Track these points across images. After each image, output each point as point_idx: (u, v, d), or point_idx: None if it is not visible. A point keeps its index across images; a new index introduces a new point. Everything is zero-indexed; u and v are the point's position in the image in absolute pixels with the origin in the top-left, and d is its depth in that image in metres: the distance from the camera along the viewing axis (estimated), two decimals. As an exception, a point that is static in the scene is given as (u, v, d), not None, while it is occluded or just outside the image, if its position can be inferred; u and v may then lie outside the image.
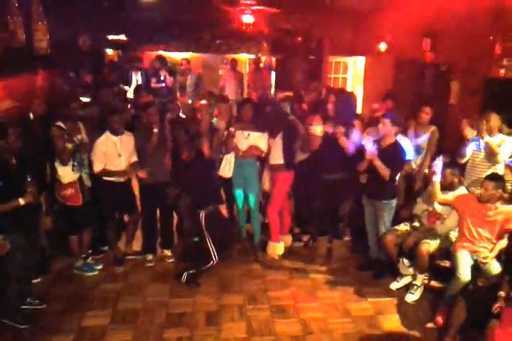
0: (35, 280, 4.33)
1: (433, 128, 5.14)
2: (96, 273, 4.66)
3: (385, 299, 4.35)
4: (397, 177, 4.74)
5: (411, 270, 4.49)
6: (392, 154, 4.41)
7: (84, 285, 4.46)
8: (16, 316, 3.79)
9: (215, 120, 5.58)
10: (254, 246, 5.26)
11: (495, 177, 4.08)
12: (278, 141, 5.02)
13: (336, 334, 3.79)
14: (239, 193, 5.27)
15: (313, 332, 3.81)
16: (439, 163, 4.28)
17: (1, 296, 3.71)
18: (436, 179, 4.28)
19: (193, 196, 4.63)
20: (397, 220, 4.78)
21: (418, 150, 5.15)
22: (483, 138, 4.59)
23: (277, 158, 5.04)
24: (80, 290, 4.37)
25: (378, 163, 4.37)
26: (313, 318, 4.01)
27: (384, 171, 4.37)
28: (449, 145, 5.30)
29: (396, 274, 4.59)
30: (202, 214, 4.44)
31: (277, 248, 5.11)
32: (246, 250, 5.22)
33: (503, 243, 4.11)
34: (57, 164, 4.44)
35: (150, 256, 4.95)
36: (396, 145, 4.49)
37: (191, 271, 4.49)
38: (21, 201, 3.62)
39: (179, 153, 4.71)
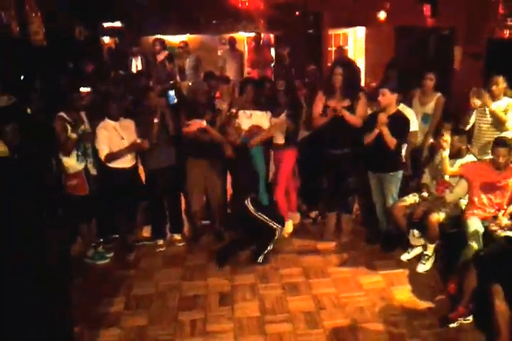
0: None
1: (438, 95, 5.04)
2: (107, 261, 4.71)
3: (396, 271, 4.34)
4: (403, 149, 4.67)
5: (421, 240, 4.46)
6: (396, 123, 4.34)
7: (96, 274, 4.51)
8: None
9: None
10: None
11: (505, 143, 3.99)
12: (283, 119, 4.96)
13: (349, 308, 3.80)
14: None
15: (326, 307, 3.83)
16: (447, 137, 4.18)
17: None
18: (446, 153, 4.19)
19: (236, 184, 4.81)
20: (405, 191, 4.73)
21: (425, 118, 5.06)
22: (488, 106, 4.48)
23: (282, 136, 4.99)
24: (92, 279, 4.42)
25: (386, 131, 4.30)
26: (326, 294, 4.01)
27: (391, 140, 4.31)
28: (454, 112, 5.19)
29: (406, 245, 4.57)
30: (247, 200, 4.53)
31: (287, 226, 5.10)
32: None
33: (515, 207, 4.06)
34: (61, 155, 4.45)
35: (160, 241, 4.97)
36: (399, 113, 4.43)
37: (265, 252, 4.55)
38: None
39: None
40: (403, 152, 4.72)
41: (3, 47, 5.83)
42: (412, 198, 4.56)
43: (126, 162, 4.67)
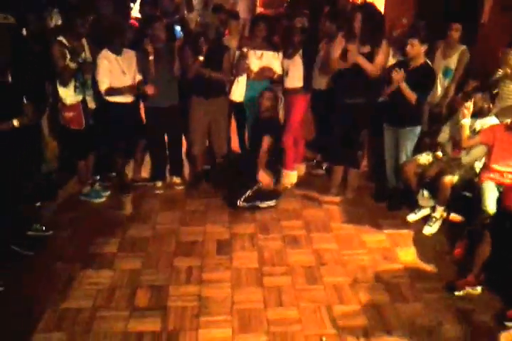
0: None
1: (463, 48, 4.71)
2: (103, 199, 4.53)
3: (401, 231, 4.18)
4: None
5: (431, 201, 4.29)
6: (421, 76, 4.05)
7: (91, 212, 4.35)
8: (22, 242, 3.71)
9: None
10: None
11: None
12: (297, 61, 4.62)
13: (350, 266, 3.67)
14: (251, 118, 4.95)
15: (327, 263, 3.70)
16: (470, 105, 3.90)
17: (5, 222, 3.59)
18: (466, 122, 3.91)
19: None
20: (418, 149, 4.51)
21: (446, 72, 4.75)
22: None
23: (296, 80, 4.66)
24: (87, 217, 4.26)
25: (404, 86, 4.02)
26: (327, 249, 3.88)
27: (410, 95, 4.03)
28: (479, 68, 4.86)
29: (413, 205, 4.40)
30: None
31: (291, 176, 4.91)
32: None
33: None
34: (58, 84, 4.13)
35: (159, 183, 4.79)
36: (425, 66, 4.11)
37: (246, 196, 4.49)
38: (15, 122, 3.38)
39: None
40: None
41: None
42: (425, 157, 4.34)
43: (126, 97, 4.36)
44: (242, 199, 4.42)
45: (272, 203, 4.50)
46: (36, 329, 2.98)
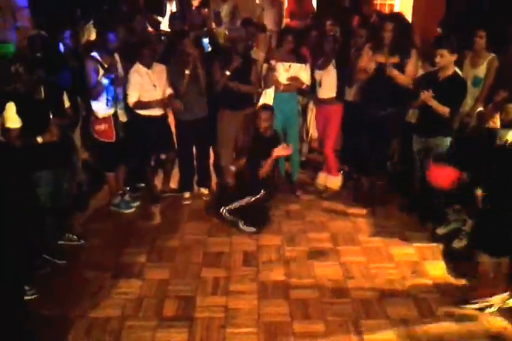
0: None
1: (491, 56, 4.61)
2: (133, 210, 4.62)
3: (430, 244, 4.12)
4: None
5: (461, 215, 4.21)
6: (451, 87, 4.00)
7: (121, 222, 4.45)
8: (54, 251, 3.81)
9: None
10: (292, 184, 5.07)
11: None
12: (330, 71, 4.64)
13: (378, 280, 3.63)
14: (278, 130, 4.98)
15: (355, 277, 3.67)
16: (496, 120, 3.84)
17: (40, 232, 3.69)
18: None
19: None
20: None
21: (475, 81, 4.68)
22: None
23: (329, 90, 4.68)
24: (117, 227, 4.36)
25: (434, 104, 3.98)
26: (355, 262, 3.85)
27: (442, 110, 3.98)
28: (510, 78, 4.77)
29: (442, 218, 4.32)
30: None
31: (336, 181, 4.95)
32: (284, 189, 5.01)
33: None
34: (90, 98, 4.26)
35: (187, 194, 4.85)
36: (456, 76, 4.07)
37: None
38: (39, 139, 3.43)
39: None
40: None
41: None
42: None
43: (155, 110, 4.48)
44: (226, 208, 4.30)
45: (251, 230, 4.28)
46: (67, 338, 3.05)
